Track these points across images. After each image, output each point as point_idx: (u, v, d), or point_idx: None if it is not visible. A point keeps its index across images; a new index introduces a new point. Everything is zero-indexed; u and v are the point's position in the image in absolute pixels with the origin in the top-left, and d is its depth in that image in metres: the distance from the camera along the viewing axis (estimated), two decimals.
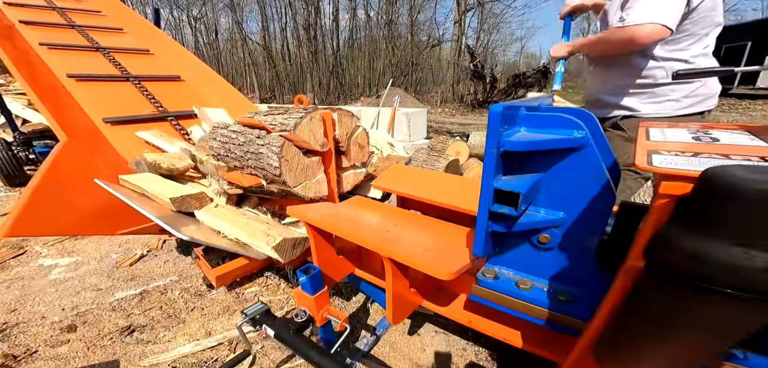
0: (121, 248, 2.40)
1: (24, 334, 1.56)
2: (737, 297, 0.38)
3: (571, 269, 0.82)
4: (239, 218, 1.44)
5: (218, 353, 1.49)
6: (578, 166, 0.74)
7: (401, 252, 0.91)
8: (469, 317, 1.09)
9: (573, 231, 0.79)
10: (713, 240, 0.38)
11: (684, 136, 0.67)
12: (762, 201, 0.34)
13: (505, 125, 0.74)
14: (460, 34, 15.69)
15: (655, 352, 0.50)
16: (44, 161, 1.50)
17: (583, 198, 0.76)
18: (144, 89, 2.14)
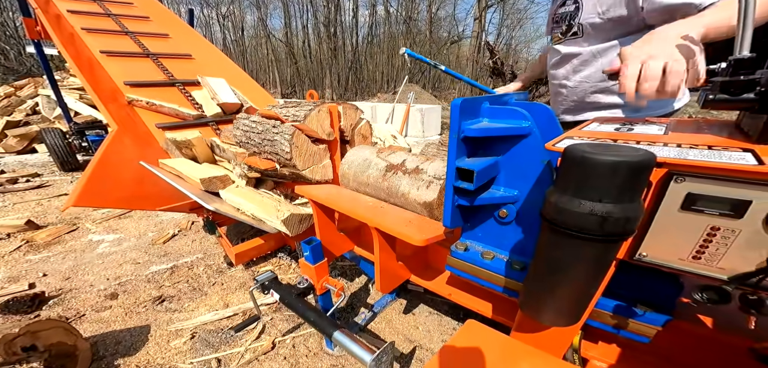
0: (156, 227, 2.71)
1: (75, 299, 1.84)
2: (577, 236, 0.51)
3: (526, 240, 0.95)
4: (256, 196, 1.64)
5: (233, 322, 1.69)
6: (526, 151, 0.88)
7: (386, 223, 1.06)
8: (449, 290, 1.23)
9: (525, 207, 0.92)
10: (564, 195, 0.52)
11: (609, 127, 0.79)
12: (586, 165, 0.48)
13: (467, 116, 0.89)
14: (480, 30, 15.44)
15: (552, 293, 0.64)
16: (101, 145, 1.78)
17: (531, 178, 0.89)
18: (188, 95, 2.35)
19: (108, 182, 1.67)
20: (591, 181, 0.49)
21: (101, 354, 1.45)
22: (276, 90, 19.55)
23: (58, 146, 4.18)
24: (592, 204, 0.49)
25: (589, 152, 0.48)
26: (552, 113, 0.91)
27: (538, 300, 0.69)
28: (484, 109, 0.94)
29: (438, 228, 1.02)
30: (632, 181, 0.49)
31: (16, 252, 2.30)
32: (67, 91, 5.85)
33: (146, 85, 2.33)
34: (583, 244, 0.52)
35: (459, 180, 0.88)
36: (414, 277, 1.36)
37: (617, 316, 0.83)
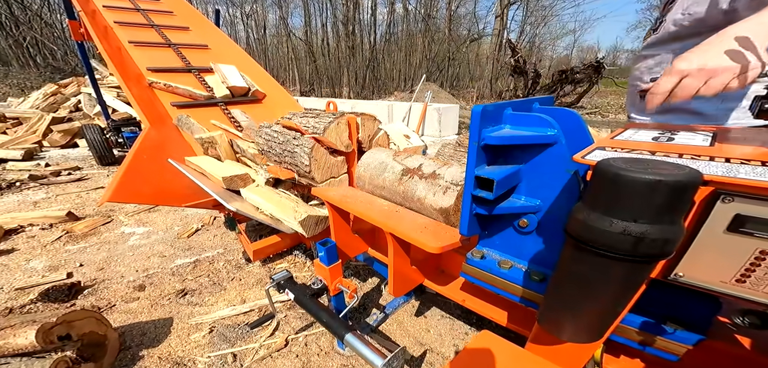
0: (181, 222, 2.84)
1: (107, 290, 1.95)
2: (606, 256, 0.48)
3: (547, 251, 0.91)
4: (274, 196, 1.68)
5: (249, 317, 1.74)
6: (551, 160, 0.84)
7: (401, 228, 1.05)
8: (464, 296, 1.21)
9: (547, 217, 0.88)
10: (593, 212, 0.48)
11: (647, 136, 0.74)
12: (619, 184, 0.45)
13: (488, 122, 0.86)
14: (502, 28, 15.02)
15: (573, 310, 0.60)
16: (134, 143, 1.88)
17: (555, 188, 0.85)
18: (202, 79, 2.58)
19: (139, 179, 1.77)
20: (624, 200, 0.45)
21: (128, 345, 1.54)
22: (295, 88, 19.96)
23: (96, 141, 4.48)
24: (625, 224, 0.45)
25: (622, 170, 0.45)
26: (580, 120, 0.87)
27: (559, 316, 0.66)
28: (506, 116, 0.91)
29: (454, 235, 1.00)
30: (673, 202, 0.44)
31: (57, 242, 2.48)
32: (106, 89, 6.25)
33: (166, 71, 2.57)
34: (613, 264, 0.49)
35: (478, 188, 0.85)
36: (427, 282, 1.34)
37: (644, 333, 0.78)
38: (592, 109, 11.88)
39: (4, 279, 2.03)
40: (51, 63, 13.81)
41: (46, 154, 5.27)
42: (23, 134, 5.62)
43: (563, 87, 12.00)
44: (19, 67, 13.22)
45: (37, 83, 9.95)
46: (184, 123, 2.16)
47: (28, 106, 6.81)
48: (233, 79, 2.54)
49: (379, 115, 5.57)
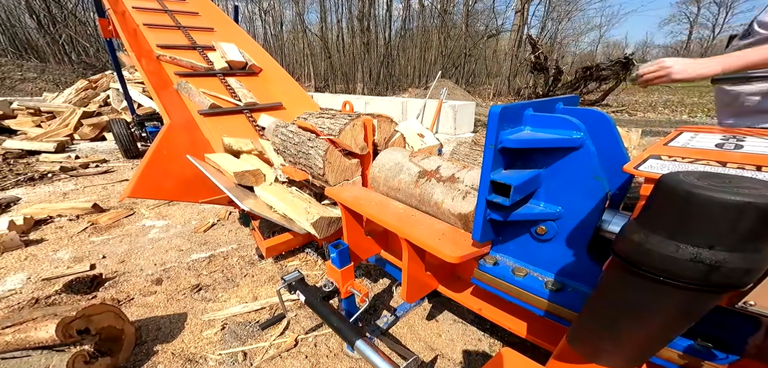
0: (198, 216, 2.91)
1: (127, 282, 2.01)
2: (667, 283, 0.40)
3: (567, 261, 0.86)
4: (287, 195, 1.67)
5: (260, 315, 1.75)
6: (575, 165, 0.77)
7: (417, 235, 0.99)
8: (480, 304, 1.14)
9: (569, 225, 0.83)
10: (654, 234, 0.41)
11: (709, 142, 0.65)
12: (694, 204, 0.37)
13: (506, 124, 0.80)
14: (522, 23, 14.51)
15: (614, 336, 0.53)
16: (155, 138, 1.92)
17: (579, 195, 0.79)
18: (204, 54, 2.72)
19: (159, 175, 1.80)
20: (698, 223, 0.38)
21: (143, 339, 1.57)
22: (310, 83, 20.13)
23: (122, 135, 4.67)
24: (697, 251, 0.38)
25: (697, 188, 0.37)
26: (610, 122, 0.81)
27: (596, 340, 0.59)
28: (526, 117, 0.85)
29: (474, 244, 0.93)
30: (763, 228, 0.37)
31: (82, 233, 2.58)
32: (132, 85, 6.52)
33: (173, 48, 2.87)
34: (675, 292, 0.42)
35: (493, 194, 0.80)
36: (442, 288, 1.28)
37: (688, 357, 0.69)
38: (619, 107, 11.29)
39: (33, 268, 2.13)
40: (84, 59, 14.55)
41: (76, 147, 5.54)
42: (56, 127, 5.94)
43: (587, 84, 11.47)
44: (56, 63, 14.01)
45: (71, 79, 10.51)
46: (184, 87, 2.40)
47: (62, 100, 7.20)
48: (231, 54, 2.82)
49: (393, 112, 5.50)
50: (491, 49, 19.52)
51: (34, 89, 10.40)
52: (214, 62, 2.76)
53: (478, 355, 1.53)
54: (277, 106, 2.68)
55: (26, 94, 9.85)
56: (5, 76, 10.73)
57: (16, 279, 2.02)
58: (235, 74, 2.78)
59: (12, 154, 4.64)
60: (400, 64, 19.89)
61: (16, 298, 1.85)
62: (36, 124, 6.15)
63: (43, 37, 14.42)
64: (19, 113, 6.31)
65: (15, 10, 14.15)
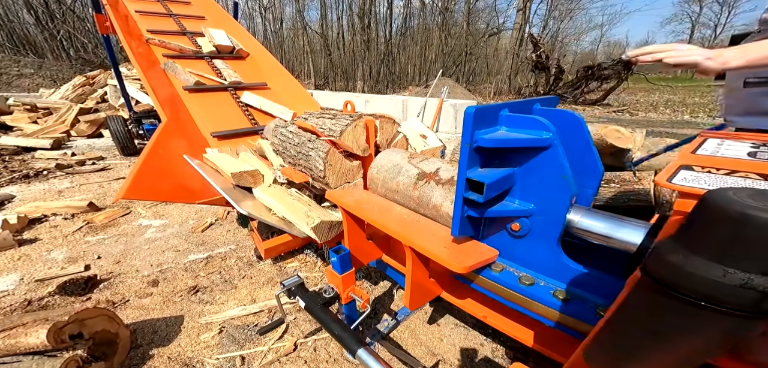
0: (196, 215, 2.86)
1: (122, 284, 1.96)
2: (709, 309, 0.37)
3: (540, 256, 0.89)
4: (286, 197, 1.63)
5: (259, 318, 1.71)
6: (545, 164, 0.82)
7: (422, 242, 0.96)
8: (485, 312, 1.11)
9: (541, 222, 0.87)
10: (696, 256, 0.37)
11: (740, 150, 0.61)
12: (750, 227, 0.33)
13: (482, 124, 0.85)
14: (524, 22, 14.42)
15: (638, 358, 0.49)
16: (151, 137, 1.87)
17: (549, 193, 0.84)
18: (193, 39, 2.73)
19: (155, 175, 1.76)
20: (753, 247, 0.34)
21: (139, 343, 1.53)
22: (310, 81, 20.03)
23: (119, 132, 4.61)
24: (747, 276, 0.34)
25: (755, 209, 0.33)
26: (582, 123, 0.89)
27: (617, 361, 0.55)
28: (502, 117, 0.90)
29: (482, 252, 0.90)
30: None
31: (77, 233, 2.54)
32: (130, 82, 6.45)
33: (163, 33, 2.95)
34: (717, 318, 0.38)
35: (469, 191, 0.85)
36: (445, 294, 1.25)
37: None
38: (620, 107, 11.26)
39: (26, 269, 2.09)
40: (82, 55, 14.45)
41: (73, 144, 5.48)
42: (53, 124, 5.87)
43: (588, 83, 11.43)
44: (54, 59, 13.90)
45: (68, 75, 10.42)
46: (170, 66, 2.51)
47: (59, 96, 7.13)
48: (219, 39, 2.93)
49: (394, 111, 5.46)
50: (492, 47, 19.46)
51: (31, 85, 10.31)
52: (203, 46, 2.87)
53: (480, 361, 1.50)
54: (261, 85, 2.79)
55: (23, 89, 9.76)
56: (2, 72, 10.63)
57: (8, 279, 1.98)
58: (223, 57, 2.88)
59: (7, 151, 4.58)
60: (401, 62, 19.81)
61: (9, 300, 1.80)
62: (32, 121, 6.08)
63: (40, 33, 14.30)
64: (15, 109, 6.24)
65: (13, 4, 14.03)
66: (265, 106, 2.49)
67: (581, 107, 11.45)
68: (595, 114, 10.52)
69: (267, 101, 2.51)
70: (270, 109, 2.48)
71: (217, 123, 2.31)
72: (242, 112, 2.47)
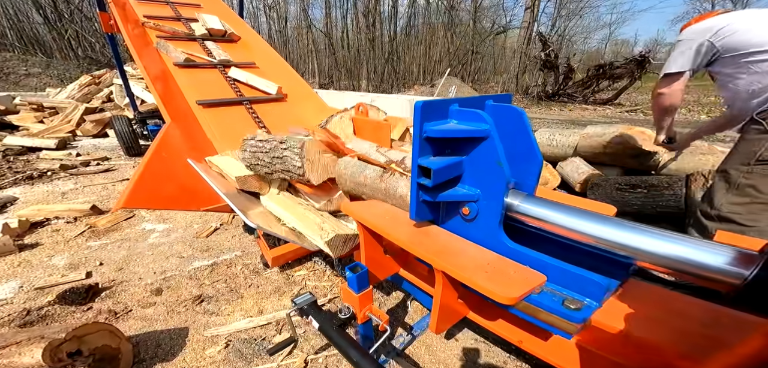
0: (201, 220, 2.78)
1: (125, 292, 1.88)
2: None
3: (487, 238, 0.98)
4: (297, 207, 1.53)
5: (266, 332, 1.62)
6: (485, 152, 0.92)
7: (458, 269, 0.85)
8: (520, 336, 1.00)
9: (485, 206, 0.97)
10: None
11: None
12: None
13: (431, 117, 0.94)
14: (532, 20, 14.17)
15: None
16: (154, 140, 1.78)
17: (490, 179, 0.93)
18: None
19: (157, 181, 1.67)
20: None
21: (142, 357, 1.45)
22: (314, 80, 19.95)
23: (124, 132, 4.55)
24: None
25: None
26: (522, 115, 0.96)
27: None
28: (452, 111, 0.99)
29: (528, 278, 0.78)
30: None
31: (79, 237, 2.47)
32: (135, 81, 6.42)
33: (159, 18, 3.04)
34: None
35: (422, 177, 0.93)
36: (473, 315, 1.13)
37: None
38: (632, 107, 10.99)
39: (26, 276, 2.01)
40: (89, 55, 14.54)
41: (78, 144, 5.46)
42: (58, 123, 5.86)
43: (599, 83, 11.18)
44: (61, 58, 14.01)
45: (75, 74, 10.47)
46: (162, 45, 2.64)
47: (65, 96, 7.13)
48: (211, 23, 3.05)
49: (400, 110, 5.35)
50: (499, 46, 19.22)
51: (39, 84, 10.38)
52: (195, 30, 3.02)
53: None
54: (250, 64, 2.90)
55: (31, 88, 9.82)
56: (10, 71, 10.72)
57: (7, 287, 1.90)
58: (214, 40, 3.02)
59: (12, 151, 4.56)
60: (405, 61, 19.66)
61: (7, 309, 1.73)
62: (38, 120, 6.07)
63: (49, 32, 14.43)
64: (21, 108, 6.24)
65: (22, 5, 14.16)
66: (252, 81, 2.62)
67: (591, 107, 11.20)
68: (607, 114, 10.28)
69: (253, 76, 2.63)
70: (256, 83, 2.61)
71: (203, 95, 2.38)
72: (230, 86, 2.58)
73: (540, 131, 3.84)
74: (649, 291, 0.87)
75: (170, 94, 2.35)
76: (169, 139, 1.85)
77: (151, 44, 2.73)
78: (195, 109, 2.25)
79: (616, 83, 11.01)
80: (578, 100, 11.87)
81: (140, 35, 2.82)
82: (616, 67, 10.41)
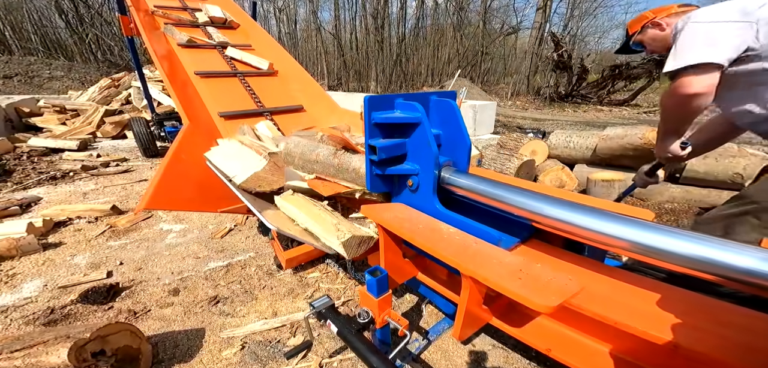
0: (215, 220, 2.82)
1: (143, 292, 1.91)
2: None
3: (426, 205, 1.22)
4: (313, 208, 1.52)
5: (281, 334, 1.61)
6: (420, 135, 1.17)
7: (486, 273, 0.82)
8: (549, 343, 0.96)
9: (424, 179, 1.20)
10: None
11: None
12: None
13: (377, 108, 1.20)
14: (544, 21, 13.93)
15: None
16: (173, 142, 1.81)
17: (424, 157, 1.17)
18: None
19: (176, 182, 1.70)
20: None
21: (160, 358, 1.46)
22: (323, 81, 20.11)
23: (142, 134, 4.67)
24: None
25: None
26: (454, 107, 1.24)
27: None
28: (398, 103, 1.23)
29: (564, 286, 0.74)
30: None
31: (100, 237, 2.53)
32: (153, 83, 6.58)
33: (167, 8, 3.43)
34: None
35: (371, 154, 1.17)
36: (497, 321, 1.10)
37: None
38: (650, 108, 10.65)
39: (50, 274, 2.07)
40: (109, 58, 15.02)
41: (98, 145, 5.62)
42: (80, 125, 6.06)
43: (615, 83, 10.89)
44: (82, 61, 14.51)
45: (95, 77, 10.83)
46: (168, 29, 3.03)
47: (86, 98, 7.37)
48: (213, 12, 3.47)
49: None
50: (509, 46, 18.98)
51: (61, 87, 10.77)
52: (199, 18, 3.44)
53: None
54: (247, 46, 3.27)
55: (53, 91, 10.20)
56: (34, 74, 11.16)
57: (32, 285, 1.96)
58: (215, 26, 3.42)
59: (36, 152, 4.73)
60: (414, 62, 19.61)
61: (32, 308, 1.78)
62: (61, 122, 6.29)
63: (70, 37, 14.98)
64: (45, 111, 6.48)
65: (46, 10, 14.76)
66: (246, 58, 3.02)
67: (607, 108, 10.91)
68: (624, 115, 9.99)
69: (247, 54, 3.04)
70: (250, 60, 3.01)
71: (202, 69, 2.74)
72: (226, 63, 2.95)
73: (556, 133, 3.75)
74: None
75: (190, 98, 2.41)
76: (187, 141, 1.88)
77: (159, 28, 3.14)
78: (193, 79, 2.58)
79: (632, 84, 10.70)
80: (592, 101, 11.58)
81: (150, 22, 3.20)
82: (632, 66, 10.10)
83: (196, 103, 2.40)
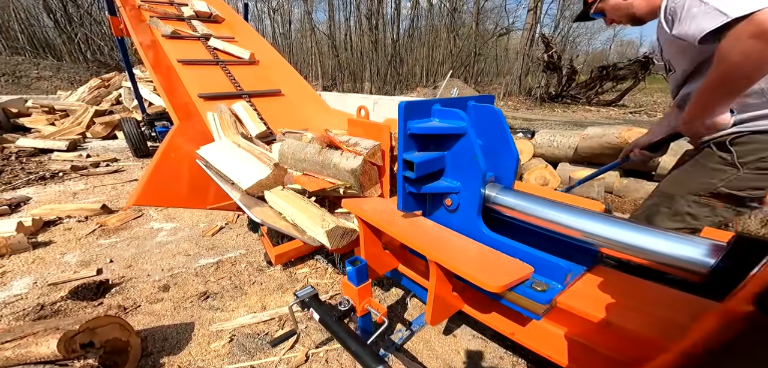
0: (207, 218, 2.85)
1: (133, 289, 1.94)
2: None
3: (468, 227, 1.05)
4: (301, 202, 1.58)
5: (269, 327, 1.67)
6: (463, 148, 0.99)
7: (451, 260, 0.89)
8: (512, 328, 1.04)
9: (465, 198, 1.04)
10: None
11: None
12: None
13: (414, 116, 1.02)
14: (535, 22, 14.15)
15: None
16: (163, 141, 1.85)
17: (468, 173, 1.00)
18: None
19: (167, 180, 1.74)
20: None
21: (149, 351, 1.50)
22: (318, 82, 20.09)
23: (132, 134, 4.66)
24: None
25: None
26: (499, 114, 1.03)
27: None
28: (434, 110, 1.07)
29: (515, 269, 0.82)
30: None
31: (90, 236, 2.55)
32: (143, 84, 6.55)
33: (152, 3, 3.56)
34: None
35: (407, 170, 1.01)
36: (467, 308, 1.17)
37: None
38: (636, 108, 10.93)
39: (39, 272, 2.09)
40: (98, 58, 14.82)
41: (88, 145, 5.58)
42: (69, 126, 6.00)
43: (603, 84, 11.13)
44: (71, 61, 14.30)
45: (85, 77, 10.69)
46: (154, 22, 3.11)
47: (75, 98, 7.30)
48: (198, 6, 3.60)
49: None
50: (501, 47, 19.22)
51: (50, 87, 10.61)
52: (184, 12, 3.54)
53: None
54: (229, 38, 3.41)
55: (42, 91, 10.05)
56: (22, 74, 10.97)
57: (22, 283, 1.98)
58: (200, 20, 3.55)
59: (25, 152, 4.69)
60: (408, 63, 19.74)
61: (22, 304, 1.80)
62: (50, 122, 6.23)
63: (59, 36, 14.75)
64: (33, 111, 6.40)
65: (33, 8, 14.50)
66: (228, 49, 3.15)
67: (595, 108, 11.15)
68: (611, 115, 10.22)
69: (229, 45, 3.18)
70: (231, 50, 3.14)
71: (186, 56, 2.86)
72: (209, 52, 3.08)
73: (541, 132, 3.85)
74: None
75: (178, 95, 2.44)
76: (177, 140, 1.92)
77: (144, 21, 3.23)
78: (177, 67, 2.70)
79: (619, 84, 10.96)
80: (581, 101, 11.82)
81: (136, 17, 3.31)
82: (619, 68, 10.36)
83: (184, 101, 2.43)
